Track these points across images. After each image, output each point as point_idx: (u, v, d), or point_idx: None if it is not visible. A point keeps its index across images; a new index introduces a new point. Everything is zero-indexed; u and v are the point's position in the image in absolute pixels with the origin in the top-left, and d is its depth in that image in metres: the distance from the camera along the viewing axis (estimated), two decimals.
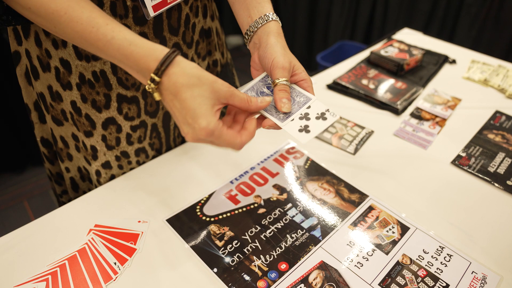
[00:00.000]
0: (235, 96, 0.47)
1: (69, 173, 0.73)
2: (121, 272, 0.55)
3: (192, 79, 0.44)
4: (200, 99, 0.44)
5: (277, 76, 0.53)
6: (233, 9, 0.62)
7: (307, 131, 0.50)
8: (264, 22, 0.56)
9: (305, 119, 0.51)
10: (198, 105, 0.44)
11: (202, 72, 0.45)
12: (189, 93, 0.44)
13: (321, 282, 0.53)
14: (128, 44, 0.45)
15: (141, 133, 0.70)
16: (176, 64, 0.44)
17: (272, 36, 0.55)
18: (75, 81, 0.61)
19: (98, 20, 0.45)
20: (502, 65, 1.02)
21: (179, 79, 0.44)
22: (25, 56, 0.62)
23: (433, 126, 0.82)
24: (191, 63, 0.45)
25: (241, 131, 0.49)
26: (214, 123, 0.44)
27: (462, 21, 1.86)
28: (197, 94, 0.44)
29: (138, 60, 0.45)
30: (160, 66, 0.44)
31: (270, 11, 0.58)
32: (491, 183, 0.68)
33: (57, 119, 0.66)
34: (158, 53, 0.44)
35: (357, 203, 0.65)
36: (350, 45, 2.18)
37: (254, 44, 0.58)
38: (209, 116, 0.44)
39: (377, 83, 0.94)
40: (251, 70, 0.59)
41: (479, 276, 0.54)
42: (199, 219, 0.62)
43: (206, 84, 0.44)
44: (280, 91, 0.52)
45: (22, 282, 0.53)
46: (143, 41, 0.45)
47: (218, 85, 0.45)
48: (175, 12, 0.62)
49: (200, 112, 0.44)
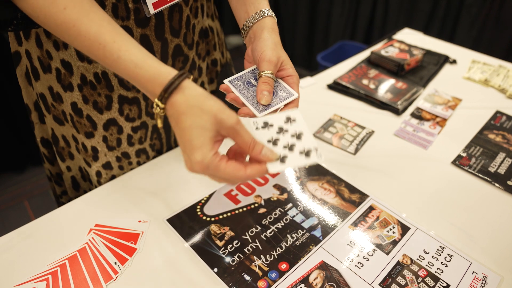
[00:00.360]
0: (239, 136, 0.43)
1: (70, 172, 0.73)
2: (121, 272, 0.55)
3: (194, 109, 0.42)
4: (198, 130, 0.42)
5: (263, 69, 0.53)
6: (231, 6, 0.62)
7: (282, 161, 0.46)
8: (259, 17, 0.57)
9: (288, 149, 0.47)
10: (195, 137, 0.42)
11: (206, 101, 0.42)
12: (188, 122, 0.42)
13: (321, 282, 0.53)
14: (134, 66, 0.43)
15: (142, 134, 0.70)
16: (181, 91, 0.42)
17: (266, 31, 0.55)
18: (77, 82, 0.61)
19: (106, 37, 0.43)
20: (502, 65, 1.02)
21: (181, 108, 0.42)
22: (25, 56, 0.62)
23: (433, 126, 0.82)
24: (197, 89, 0.43)
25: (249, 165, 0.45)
26: (209, 158, 0.42)
27: (463, 21, 1.86)
28: (196, 125, 0.42)
29: (144, 84, 0.44)
30: (163, 93, 0.42)
31: (266, 7, 0.58)
32: (492, 183, 0.68)
33: (59, 118, 0.66)
34: (163, 78, 0.42)
35: (358, 203, 0.65)
36: (351, 45, 2.18)
37: (249, 38, 0.58)
38: (205, 150, 0.42)
39: (377, 83, 0.94)
40: (244, 62, 0.60)
41: (479, 276, 0.54)
42: (200, 219, 0.62)
43: (208, 114, 0.42)
44: (263, 83, 0.52)
45: (22, 281, 0.53)
46: (149, 64, 0.43)
47: (223, 117, 0.42)
48: (176, 13, 0.62)
49: (196, 145, 0.42)
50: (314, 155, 0.47)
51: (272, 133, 0.49)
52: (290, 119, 0.50)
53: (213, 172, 0.43)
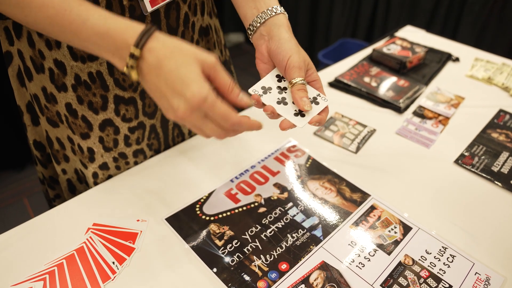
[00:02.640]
0: (219, 74, 0.43)
1: (65, 175, 0.72)
2: (119, 272, 0.54)
3: (175, 50, 0.42)
4: (187, 67, 0.41)
5: (294, 76, 0.52)
6: (235, 2, 0.60)
7: (302, 115, 0.51)
8: (272, 14, 0.55)
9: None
10: (187, 72, 0.41)
11: (183, 44, 0.43)
12: (173, 63, 0.41)
13: (322, 282, 0.52)
14: (104, 20, 0.42)
15: (139, 135, 0.69)
16: (155, 39, 0.42)
17: (284, 30, 0.54)
18: (71, 82, 0.60)
19: (71, 2, 0.42)
20: (506, 63, 1.01)
21: (161, 51, 0.41)
22: (17, 56, 0.61)
23: (436, 125, 0.81)
24: (170, 37, 0.43)
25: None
26: (207, 88, 0.41)
27: (465, 18, 1.85)
28: (182, 63, 0.41)
29: (115, 37, 0.42)
30: (140, 39, 0.41)
31: (277, 4, 0.57)
32: (495, 183, 0.67)
33: (52, 120, 0.65)
34: (136, 27, 0.42)
35: (359, 202, 0.64)
36: (352, 42, 2.16)
37: (261, 35, 0.56)
38: (200, 82, 0.41)
39: (379, 81, 0.93)
40: (257, 62, 0.58)
41: (482, 277, 0.53)
42: (199, 218, 0.62)
43: (189, 55, 0.42)
44: (299, 90, 0.52)
45: (19, 281, 0.52)
46: (120, 18, 0.43)
47: (203, 56, 0.42)
48: (173, 11, 0.61)
49: (190, 78, 0.41)
50: (321, 100, 0.53)
51: (275, 94, 0.53)
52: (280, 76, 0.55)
53: (210, 107, 0.41)
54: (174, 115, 0.43)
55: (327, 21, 2.36)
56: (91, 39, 0.43)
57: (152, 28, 0.42)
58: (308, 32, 2.51)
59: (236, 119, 0.43)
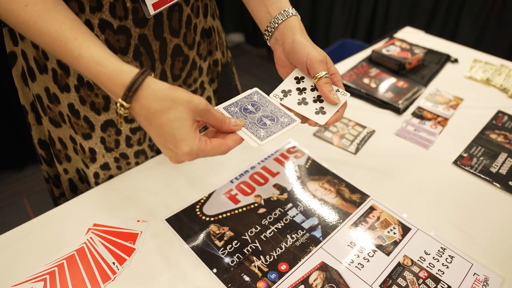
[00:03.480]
0: (211, 115, 0.45)
1: (67, 175, 0.72)
2: (119, 272, 0.54)
3: (166, 103, 0.41)
4: (178, 122, 0.41)
5: (318, 70, 0.53)
6: (249, 7, 0.61)
7: (323, 113, 0.52)
8: (284, 17, 0.56)
9: (318, 102, 0.53)
10: (177, 130, 0.42)
11: (175, 93, 0.42)
12: (164, 118, 0.41)
13: (321, 283, 0.53)
14: (95, 64, 0.42)
15: (141, 135, 0.70)
16: (146, 87, 0.41)
17: (297, 32, 0.55)
18: (73, 83, 0.60)
19: (67, 34, 0.42)
20: (504, 65, 1.01)
21: (152, 104, 0.41)
22: (21, 57, 0.61)
23: (434, 126, 0.82)
24: (162, 83, 0.42)
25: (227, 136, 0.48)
26: (196, 146, 0.43)
27: (465, 20, 1.85)
28: (173, 117, 0.41)
29: (105, 82, 0.42)
30: (127, 92, 0.41)
31: (289, 6, 0.57)
32: (493, 184, 0.68)
33: (55, 120, 0.65)
34: (124, 76, 0.41)
35: (358, 203, 0.64)
36: (352, 43, 2.17)
37: (275, 40, 0.57)
38: (190, 140, 0.42)
39: (378, 82, 0.94)
40: (277, 67, 0.59)
41: (481, 278, 0.53)
42: (199, 218, 0.62)
43: (181, 105, 0.42)
44: (326, 84, 0.52)
45: (20, 281, 0.53)
46: (111, 61, 0.42)
47: (194, 103, 0.42)
48: (176, 13, 0.61)
49: (180, 137, 0.42)
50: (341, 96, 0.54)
51: (295, 96, 0.55)
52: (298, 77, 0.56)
53: (203, 157, 0.45)
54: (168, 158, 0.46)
55: (327, 21, 2.36)
56: (86, 75, 0.44)
57: (141, 76, 0.41)
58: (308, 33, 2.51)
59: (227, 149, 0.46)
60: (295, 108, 0.53)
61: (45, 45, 0.44)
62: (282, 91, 0.55)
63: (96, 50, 0.42)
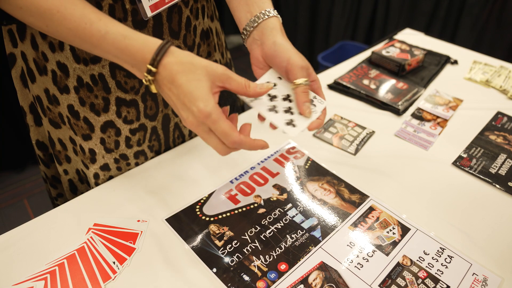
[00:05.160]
0: (231, 80, 0.47)
1: (67, 175, 0.72)
2: (120, 272, 0.54)
3: (187, 65, 0.45)
4: (196, 82, 0.45)
5: (297, 76, 0.52)
6: (231, 6, 0.61)
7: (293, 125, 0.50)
8: (265, 17, 0.55)
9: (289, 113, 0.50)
10: (195, 88, 0.44)
11: (195, 58, 0.46)
12: (184, 78, 0.45)
13: (320, 283, 0.53)
14: (123, 38, 0.45)
15: (141, 136, 0.70)
16: (170, 54, 0.45)
17: (277, 33, 0.54)
18: (73, 84, 0.60)
19: (91, 16, 0.45)
20: (504, 66, 1.01)
21: (174, 67, 0.45)
22: (20, 58, 0.61)
23: (434, 127, 0.82)
24: (184, 51, 0.46)
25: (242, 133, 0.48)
26: (212, 105, 0.44)
27: (464, 21, 1.86)
28: (192, 78, 0.45)
29: (134, 54, 0.45)
30: (155, 57, 0.44)
31: (270, 7, 0.57)
32: (493, 185, 0.68)
33: (55, 121, 0.65)
34: (152, 44, 0.45)
35: (358, 203, 0.64)
36: (351, 45, 2.17)
37: (253, 40, 0.57)
38: (206, 98, 0.44)
39: (378, 83, 0.94)
40: (253, 68, 0.58)
41: (480, 278, 0.53)
42: (199, 218, 0.62)
43: (199, 68, 0.45)
44: (303, 93, 0.52)
45: (20, 280, 0.53)
46: (137, 35, 0.46)
47: (212, 68, 0.46)
48: (175, 15, 0.61)
49: (197, 95, 0.44)
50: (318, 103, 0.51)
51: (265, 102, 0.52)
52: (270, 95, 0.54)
53: (214, 122, 0.45)
54: (184, 123, 0.47)
55: (326, 23, 2.37)
56: (111, 52, 0.46)
57: (167, 44, 0.45)
58: (307, 35, 2.52)
59: (236, 138, 0.46)
60: (265, 114, 0.52)
61: (69, 32, 0.46)
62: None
63: (121, 27, 0.46)
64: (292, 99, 0.53)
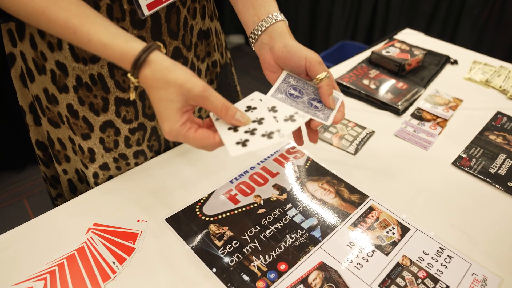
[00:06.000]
0: (208, 101, 0.45)
1: (66, 175, 0.72)
2: (119, 271, 0.54)
3: (159, 82, 0.43)
4: (165, 102, 0.44)
5: (319, 71, 0.52)
6: (236, 9, 0.61)
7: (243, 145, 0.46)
8: (273, 21, 0.56)
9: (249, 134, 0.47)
10: (163, 109, 0.44)
11: (171, 74, 0.43)
12: (156, 95, 0.44)
13: (320, 283, 0.53)
14: (103, 48, 0.44)
15: (140, 136, 0.70)
16: (148, 66, 0.43)
17: (286, 37, 0.55)
18: (72, 83, 0.60)
19: (74, 21, 0.44)
20: (503, 66, 1.01)
21: (149, 81, 0.44)
22: (20, 58, 0.61)
23: (434, 127, 0.82)
24: (162, 62, 0.44)
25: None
26: (176, 129, 0.44)
27: (464, 21, 1.86)
28: (163, 97, 0.44)
29: (116, 62, 0.45)
30: (132, 70, 0.44)
31: (277, 11, 0.57)
32: (492, 185, 0.68)
33: (54, 121, 0.65)
34: (130, 55, 0.43)
35: (357, 203, 0.64)
36: (351, 45, 2.17)
37: (262, 44, 0.57)
38: (172, 121, 0.44)
39: (378, 83, 0.94)
40: (265, 72, 0.58)
41: (479, 278, 0.53)
42: (199, 218, 0.62)
43: (173, 86, 0.43)
44: (328, 86, 0.52)
45: (20, 280, 0.53)
46: (116, 43, 0.44)
47: (189, 86, 0.43)
48: (173, 15, 0.61)
49: (163, 116, 0.44)
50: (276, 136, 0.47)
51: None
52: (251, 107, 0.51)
53: (183, 141, 0.46)
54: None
55: (327, 23, 2.37)
56: (99, 54, 0.46)
57: (144, 54, 0.43)
58: (308, 34, 2.52)
59: (211, 145, 0.47)
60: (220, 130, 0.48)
61: (57, 33, 0.46)
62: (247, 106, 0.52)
63: (102, 34, 0.44)
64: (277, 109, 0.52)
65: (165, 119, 0.44)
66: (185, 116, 0.45)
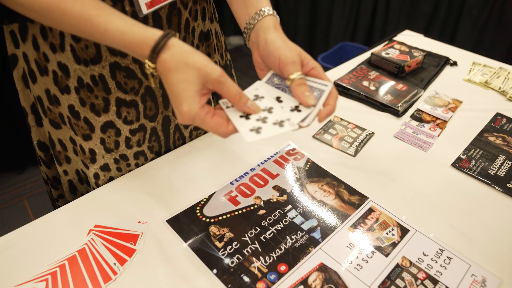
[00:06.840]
0: (224, 87, 0.46)
1: (67, 176, 0.73)
2: (120, 273, 0.55)
3: (179, 65, 0.44)
4: (185, 84, 0.44)
5: (290, 72, 0.51)
6: (232, 9, 0.61)
7: (258, 132, 0.48)
8: (260, 17, 0.55)
9: (261, 122, 0.49)
10: (182, 90, 0.44)
11: (191, 57, 0.45)
12: (175, 78, 0.45)
13: (320, 284, 0.53)
14: (122, 35, 0.45)
15: (140, 137, 0.70)
16: (167, 50, 0.45)
17: (269, 32, 0.54)
18: (73, 85, 0.61)
19: (91, 12, 0.45)
20: (503, 67, 1.02)
21: (168, 64, 0.45)
22: (22, 59, 0.62)
23: (433, 128, 0.82)
24: (182, 47, 0.45)
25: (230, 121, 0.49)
26: (195, 110, 0.45)
27: (464, 23, 1.86)
28: (182, 79, 0.44)
29: (134, 49, 0.46)
30: (152, 54, 0.44)
31: (266, 5, 0.56)
32: (491, 186, 0.68)
33: (55, 122, 0.66)
34: (150, 40, 0.44)
35: (357, 205, 0.65)
36: (351, 46, 2.18)
37: (252, 42, 0.56)
38: (192, 102, 0.44)
39: (377, 85, 0.94)
40: (257, 71, 0.58)
41: (478, 279, 0.54)
42: (199, 220, 0.62)
43: (193, 69, 0.44)
44: (298, 86, 0.51)
45: (22, 282, 0.53)
46: (135, 30, 0.45)
47: (207, 70, 0.45)
48: (175, 17, 0.62)
49: (183, 97, 0.45)
50: (287, 124, 0.49)
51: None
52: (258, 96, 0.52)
53: (199, 124, 0.46)
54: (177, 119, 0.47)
55: (326, 24, 2.37)
56: (114, 45, 0.47)
57: (164, 38, 0.44)
58: (307, 35, 2.52)
59: (224, 133, 0.47)
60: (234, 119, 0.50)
61: (72, 27, 0.46)
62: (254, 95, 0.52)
63: (120, 23, 0.45)
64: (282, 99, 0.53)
65: (184, 99, 0.44)
66: (203, 99, 0.46)
